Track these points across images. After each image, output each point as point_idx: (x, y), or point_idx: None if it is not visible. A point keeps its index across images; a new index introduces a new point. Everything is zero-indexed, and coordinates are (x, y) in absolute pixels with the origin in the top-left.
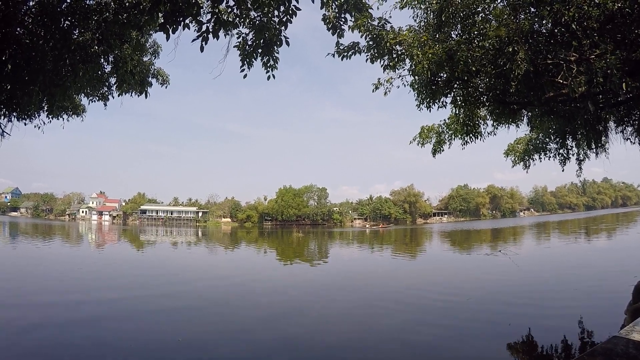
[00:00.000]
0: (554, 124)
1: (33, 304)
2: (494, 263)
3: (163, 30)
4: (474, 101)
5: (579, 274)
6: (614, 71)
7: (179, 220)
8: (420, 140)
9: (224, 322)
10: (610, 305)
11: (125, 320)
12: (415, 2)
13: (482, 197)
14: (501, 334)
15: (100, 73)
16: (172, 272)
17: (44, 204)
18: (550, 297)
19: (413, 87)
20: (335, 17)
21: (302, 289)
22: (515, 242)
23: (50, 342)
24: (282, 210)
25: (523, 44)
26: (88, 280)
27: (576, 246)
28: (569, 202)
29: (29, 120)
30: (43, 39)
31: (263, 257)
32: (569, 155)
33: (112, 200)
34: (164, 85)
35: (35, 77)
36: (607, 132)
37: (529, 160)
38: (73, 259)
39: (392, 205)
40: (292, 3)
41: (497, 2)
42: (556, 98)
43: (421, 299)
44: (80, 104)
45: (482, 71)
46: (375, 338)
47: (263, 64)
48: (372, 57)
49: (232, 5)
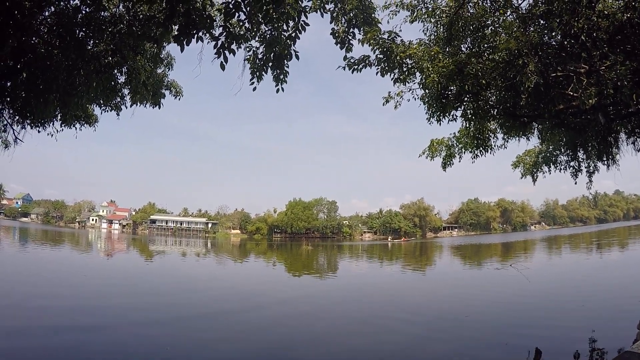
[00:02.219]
0: (564, 136)
1: (23, 308)
2: (505, 277)
3: (177, 43)
4: (484, 114)
5: (590, 288)
6: (625, 82)
7: (188, 231)
8: (429, 154)
9: (228, 333)
10: (622, 321)
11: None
12: (426, 16)
13: (493, 210)
14: (511, 347)
15: (113, 84)
16: (178, 281)
17: (54, 211)
18: (561, 311)
19: (423, 101)
20: (344, 32)
21: (313, 301)
22: (526, 256)
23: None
24: (292, 223)
25: (533, 57)
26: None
27: (587, 260)
28: (580, 215)
29: (43, 128)
30: (58, 48)
31: (272, 270)
32: (580, 167)
33: (122, 209)
34: (177, 97)
35: (49, 86)
36: (618, 143)
37: (537, 173)
38: (78, 266)
39: (402, 219)
40: (301, 18)
41: (507, 14)
42: (566, 110)
43: (433, 311)
44: (92, 113)
45: (492, 84)
46: (381, 354)
47: (274, 78)
48: (382, 70)
49: (243, 20)
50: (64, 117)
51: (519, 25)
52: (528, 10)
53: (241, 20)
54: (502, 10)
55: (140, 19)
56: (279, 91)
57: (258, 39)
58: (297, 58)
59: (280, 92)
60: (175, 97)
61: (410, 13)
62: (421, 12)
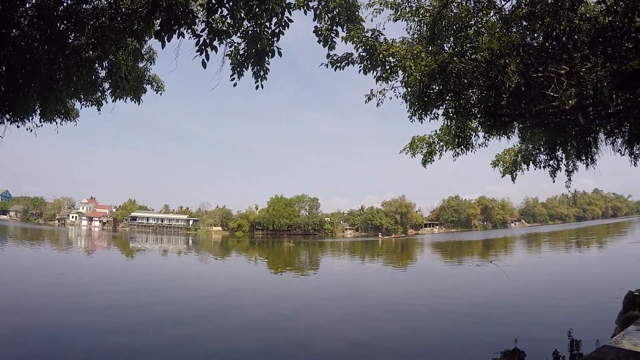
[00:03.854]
0: (544, 136)
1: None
2: (485, 274)
3: (158, 38)
4: (465, 113)
5: (569, 285)
6: (604, 84)
7: (169, 228)
8: (411, 151)
9: (211, 332)
10: (600, 316)
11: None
12: (409, 15)
13: (474, 208)
14: (490, 344)
15: (94, 78)
16: (158, 280)
17: (34, 208)
18: (540, 307)
19: (405, 99)
20: (328, 30)
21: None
22: (506, 253)
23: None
24: (274, 220)
25: (514, 57)
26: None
27: (566, 257)
28: (559, 213)
29: (22, 123)
30: (38, 41)
31: (253, 267)
32: (559, 166)
33: (103, 206)
34: (159, 92)
35: (29, 79)
36: (597, 143)
37: (516, 172)
38: (56, 264)
39: (384, 216)
40: (284, 15)
41: (490, 15)
42: (547, 110)
43: (414, 307)
44: (73, 108)
45: (474, 83)
46: (364, 350)
47: (253, 74)
48: (365, 68)
49: (225, 15)
50: (43, 112)
51: (502, 26)
52: (511, 12)
53: (223, 16)
54: (485, 11)
55: (122, 13)
56: (258, 88)
57: (240, 35)
58: (280, 55)
59: (261, 89)
60: (156, 92)
61: (394, 11)
62: (405, 11)
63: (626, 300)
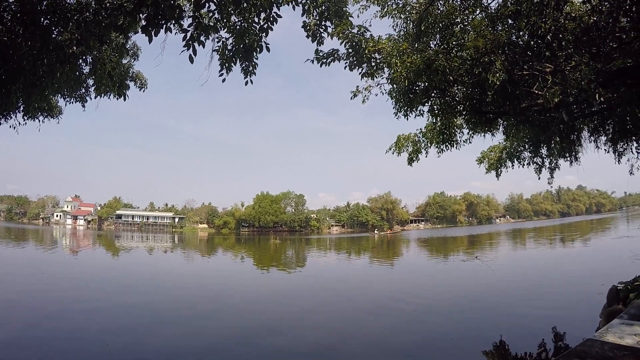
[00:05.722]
0: (528, 133)
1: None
2: (470, 269)
3: (145, 33)
4: (451, 110)
5: (554, 279)
6: (588, 82)
7: (155, 225)
8: (396, 150)
9: (196, 332)
10: (585, 310)
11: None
12: (396, 12)
13: (459, 204)
14: (475, 338)
15: (78, 74)
16: (143, 279)
17: (17, 207)
18: (525, 301)
19: (391, 96)
20: (316, 25)
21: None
22: (491, 248)
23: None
24: (260, 217)
25: (500, 55)
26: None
27: (551, 252)
28: (544, 209)
29: (5, 120)
30: (22, 37)
31: (240, 265)
32: (543, 163)
33: (87, 204)
34: (142, 89)
35: (12, 76)
36: (580, 141)
37: (501, 168)
38: (38, 263)
39: (370, 212)
40: (273, 10)
41: (476, 13)
42: (531, 108)
43: (399, 303)
44: (56, 105)
45: (460, 81)
46: (353, 346)
47: (242, 70)
48: (351, 64)
49: (213, 10)
50: (27, 109)
51: (488, 24)
52: (497, 10)
53: (211, 11)
54: (471, 9)
55: (107, 8)
56: (247, 83)
57: (228, 30)
58: (268, 50)
59: (249, 84)
60: (140, 89)
61: (381, 8)
62: (391, 8)
63: (610, 295)
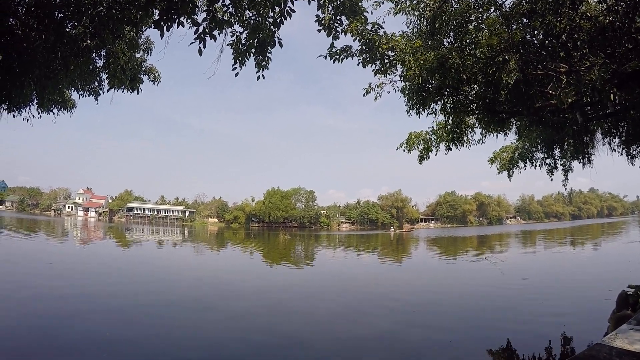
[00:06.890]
0: (542, 134)
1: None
2: (479, 270)
3: (157, 28)
4: (463, 109)
5: (563, 282)
6: (603, 83)
7: (165, 219)
8: (407, 147)
9: (207, 325)
10: (593, 314)
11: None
12: (409, 9)
13: (469, 204)
14: (482, 340)
15: (91, 67)
16: (153, 271)
17: (29, 199)
18: (533, 304)
19: (403, 93)
20: (331, 20)
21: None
22: (500, 249)
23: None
24: (270, 212)
25: (514, 54)
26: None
27: (561, 255)
28: (555, 211)
29: (18, 113)
30: (36, 30)
31: (249, 260)
32: (556, 165)
33: (99, 196)
34: (155, 82)
35: (26, 69)
36: (594, 143)
37: (513, 169)
38: (48, 255)
39: (380, 210)
40: (287, 4)
41: (491, 11)
42: (545, 108)
43: (405, 305)
44: (70, 98)
45: (473, 79)
46: (361, 344)
47: (256, 64)
48: (364, 61)
49: (227, 4)
50: (41, 102)
51: (502, 23)
52: (511, 8)
53: (225, 5)
54: (485, 7)
55: (121, 2)
56: (259, 78)
57: (241, 24)
58: (281, 45)
59: (260, 80)
60: (153, 83)
61: (394, 5)
62: (405, 5)
63: (619, 299)
